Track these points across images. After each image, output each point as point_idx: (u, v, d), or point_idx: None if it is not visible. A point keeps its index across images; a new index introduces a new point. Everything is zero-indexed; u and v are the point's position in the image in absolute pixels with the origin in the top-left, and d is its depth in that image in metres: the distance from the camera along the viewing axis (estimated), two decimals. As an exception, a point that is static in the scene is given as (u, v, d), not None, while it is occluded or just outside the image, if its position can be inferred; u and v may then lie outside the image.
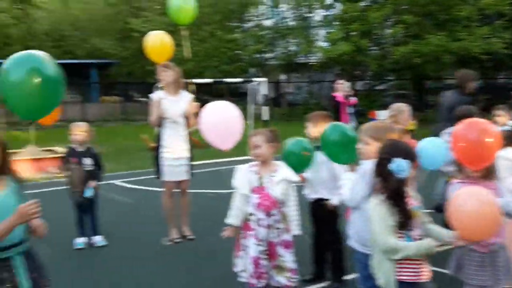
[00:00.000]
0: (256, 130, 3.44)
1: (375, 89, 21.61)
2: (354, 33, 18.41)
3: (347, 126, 3.37)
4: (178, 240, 5.06)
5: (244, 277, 3.29)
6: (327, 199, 3.82)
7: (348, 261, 3.85)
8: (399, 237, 2.53)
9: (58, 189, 6.98)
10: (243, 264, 3.29)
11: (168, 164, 4.96)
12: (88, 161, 4.85)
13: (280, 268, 3.25)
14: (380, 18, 17.78)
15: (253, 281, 3.24)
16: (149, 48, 5.61)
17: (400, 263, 2.56)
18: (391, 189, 2.55)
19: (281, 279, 3.24)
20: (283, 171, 3.29)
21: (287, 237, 3.28)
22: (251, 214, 3.28)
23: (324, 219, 3.92)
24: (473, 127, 2.92)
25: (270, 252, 3.25)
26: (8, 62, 2.07)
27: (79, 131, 4.86)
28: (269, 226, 3.24)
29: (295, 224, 3.31)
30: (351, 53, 17.89)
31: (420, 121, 6.49)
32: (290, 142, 3.58)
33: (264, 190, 3.25)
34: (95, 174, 4.90)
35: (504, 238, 3.00)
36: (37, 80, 1.98)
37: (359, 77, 21.87)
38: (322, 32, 21.87)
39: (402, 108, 4.50)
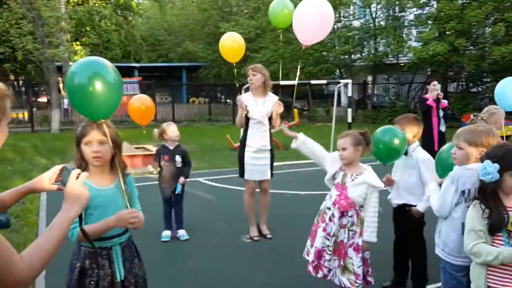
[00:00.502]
0: (346, 132, 3.39)
1: (470, 92, 20.33)
2: (449, 32, 17.46)
3: None
4: (257, 238, 5.14)
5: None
6: (413, 205, 3.66)
7: (430, 270, 3.69)
8: (498, 242, 2.39)
9: (147, 184, 7.39)
10: (307, 249, 3.40)
11: (250, 163, 5.07)
12: (178, 159, 5.08)
13: (346, 269, 3.22)
14: (480, 16, 16.67)
15: (310, 269, 3.31)
16: (222, 49, 5.79)
17: (492, 269, 2.42)
18: (481, 191, 2.46)
19: (344, 280, 3.21)
20: (367, 175, 3.23)
21: (359, 240, 3.22)
22: (328, 208, 3.31)
23: (408, 226, 3.76)
24: None
25: (340, 251, 3.24)
26: (74, 66, 2.27)
27: (172, 130, 5.10)
28: (343, 226, 3.22)
29: (370, 230, 3.22)
30: (445, 54, 16.97)
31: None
32: (381, 131, 3.48)
33: (344, 189, 3.24)
34: (184, 171, 5.13)
35: None
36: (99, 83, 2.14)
37: (452, 78, 20.70)
38: (413, 31, 21.03)
39: (493, 110, 4.20)
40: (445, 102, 7.29)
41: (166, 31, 35.92)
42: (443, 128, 7.37)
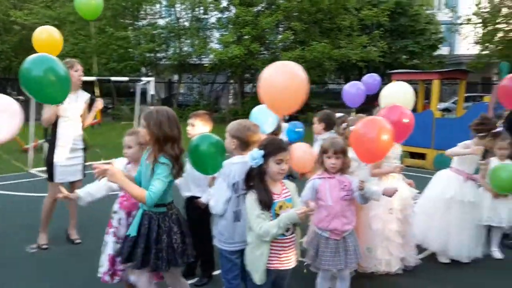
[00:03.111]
0: (131, 130, 3.38)
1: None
2: (246, 36, 18.85)
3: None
4: (45, 246, 4.81)
5: (100, 272, 3.31)
6: (199, 197, 3.88)
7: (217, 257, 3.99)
8: None
9: None
10: (101, 260, 3.31)
11: (62, 164, 4.68)
12: None
13: None
14: (271, 23, 18.40)
15: (106, 278, 3.27)
16: (37, 43, 5.26)
17: (271, 252, 2.79)
18: (248, 175, 2.83)
19: (133, 279, 3.25)
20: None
21: None
22: (114, 212, 3.29)
23: (196, 217, 3.98)
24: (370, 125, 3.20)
25: None
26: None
27: None
28: (129, 226, 3.25)
29: None
30: (242, 56, 18.28)
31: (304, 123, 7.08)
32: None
33: None
34: None
35: (354, 224, 3.35)
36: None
37: (248, 80, 22.45)
38: (216, 34, 22.06)
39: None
40: None
41: None
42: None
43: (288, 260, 2.86)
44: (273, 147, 2.79)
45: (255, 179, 2.80)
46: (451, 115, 15.86)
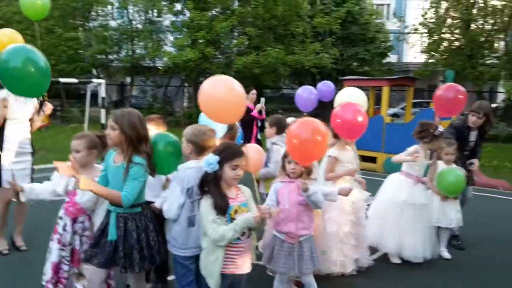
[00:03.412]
0: (79, 133, 3.27)
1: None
2: (200, 40, 18.76)
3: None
4: (6, 252, 4.60)
5: (43, 281, 3.20)
6: (151, 202, 3.80)
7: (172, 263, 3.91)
8: None
9: None
10: (45, 268, 3.21)
11: (9, 168, 4.41)
12: None
13: (81, 276, 3.18)
14: (226, 28, 18.41)
15: (50, 286, 3.17)
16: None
17: (226, 256, 2.75)
18: (202, 180, 2.78)
19: (79, 286, 3.20)
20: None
21: None
22: (60, 218, 3.18)
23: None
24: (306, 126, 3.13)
25: (74, 258, 3.17)
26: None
27: None
28: (74, 232, 3.15)
29: None
30: (196, 60, 18.16)
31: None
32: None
33: (74, 195, 3.16)
34: None
35: (312, 230, 3.36)
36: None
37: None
38: (170, 37, 21.80)
39: None
40: (264, 115, 7.67)
41: None
42: (259, 136, 7.70)
43: (244, 264, 2.84)
44: (229, 153, 2.76)
45: (210, 184, 2.76)
46: (399, 120, 16.43)
